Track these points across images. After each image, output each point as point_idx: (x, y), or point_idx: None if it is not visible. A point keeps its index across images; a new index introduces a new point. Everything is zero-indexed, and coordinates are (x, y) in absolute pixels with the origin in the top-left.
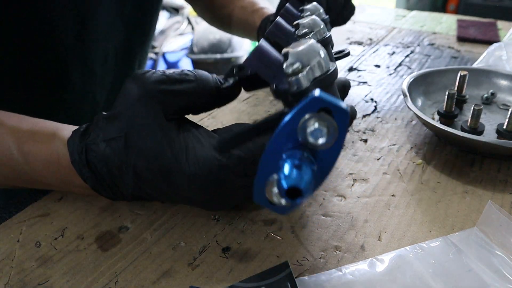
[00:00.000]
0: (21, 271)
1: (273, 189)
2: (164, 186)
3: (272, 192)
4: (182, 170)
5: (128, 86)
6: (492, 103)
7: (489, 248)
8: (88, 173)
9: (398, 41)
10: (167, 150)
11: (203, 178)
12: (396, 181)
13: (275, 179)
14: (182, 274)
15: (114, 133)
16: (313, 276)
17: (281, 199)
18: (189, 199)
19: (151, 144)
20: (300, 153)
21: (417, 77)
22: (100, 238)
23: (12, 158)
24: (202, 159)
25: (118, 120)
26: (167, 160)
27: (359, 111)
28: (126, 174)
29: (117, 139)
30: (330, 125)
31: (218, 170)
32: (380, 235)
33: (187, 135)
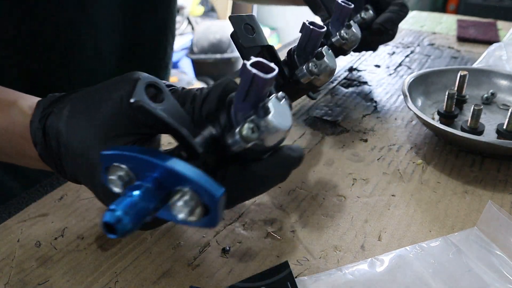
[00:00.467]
0: (21, 271)
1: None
2: (89, 186)
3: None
4: (95, 184)
5: (127, 79)
6: (492, 103)
7: (489, 248)
8: (40, 139)
9: (398, 41)
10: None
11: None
12: (396, 181)
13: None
14: (182, 274)
15: (75, 111)
16: (313, 276)
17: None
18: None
19: (78, 143)
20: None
21: (417, 77)
22: (100, 238)
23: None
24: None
25: (86, 100)
26: (89, 166)
27: (359, 111)
28: (66, 155)
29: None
30: (195, 206)
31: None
32: (380, 235)
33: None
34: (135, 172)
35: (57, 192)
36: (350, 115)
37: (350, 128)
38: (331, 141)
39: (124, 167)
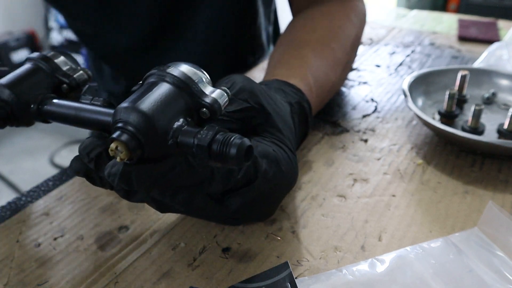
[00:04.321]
0: (21, 271)
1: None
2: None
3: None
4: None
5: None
6: (493, 103)
7: (490, 249)
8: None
9: (398, 41)
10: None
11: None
12: (396, 181)
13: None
14: (182, 275)
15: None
16: (313, 277)
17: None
18: None
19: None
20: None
21: (417, 77)
22: (100, 239)
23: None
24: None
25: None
26: None
27: (359, 111)
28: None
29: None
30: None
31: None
32: (381, 236)
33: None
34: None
35: (57, 192)
36: (350, 115)
37: (350, 128)
38: (331, 141)
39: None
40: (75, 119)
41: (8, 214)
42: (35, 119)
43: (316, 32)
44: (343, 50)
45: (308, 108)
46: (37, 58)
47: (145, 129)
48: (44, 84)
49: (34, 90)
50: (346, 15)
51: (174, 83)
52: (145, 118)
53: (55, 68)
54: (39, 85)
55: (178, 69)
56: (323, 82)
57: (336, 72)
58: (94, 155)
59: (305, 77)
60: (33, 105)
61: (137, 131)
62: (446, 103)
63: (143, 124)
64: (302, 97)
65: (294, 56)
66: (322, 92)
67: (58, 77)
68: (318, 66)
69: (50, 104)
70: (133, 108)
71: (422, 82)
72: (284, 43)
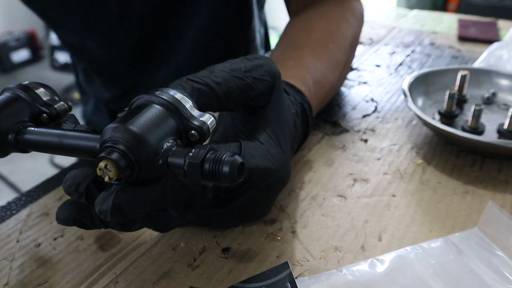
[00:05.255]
0: (21, 271)
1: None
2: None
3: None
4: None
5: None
6: (493, 103)
7: (490, 249)
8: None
9: (398, 41)
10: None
11: None
12: (396, 181)
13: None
14: (182, 275)
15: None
16: (313, 277)
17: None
18: None
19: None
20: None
21: (417, 77)
22: (100, 239)
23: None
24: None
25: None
26: None
27: (359, 111)
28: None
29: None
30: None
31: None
32: (381, 236)
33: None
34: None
35: (57, 192)
36: (350, 115)
37: (350, 128)
38: (331, 141)
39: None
40: (59, 146)
41: (8, 214)
42: (11, 150)
43: (313, 33)
44: (341, 51)
45: (309, 109)
46: (16, 88)
47: (135, 148)
48: (23, 113)
49: (12, 119)
50: (343, 15)
51: (163, 105)
52: (135, 137)
53: (35, 98)
54: (18, 114)
55: (167, 93)
56: (322, 83)
57: (335, 73)
58: (83, 189)
59: (303, 78)
60: (10, 135)
61: (127, 149)
62: (446, 103)
63: (133, 142)
64: (303, 98)
65: (292, 57)
66: (321, 93)
67: (38, 106)
68: (316, 67)
69: (29, 133)
70: (123, 127)
71: (422, 82)
72: (282, 45)
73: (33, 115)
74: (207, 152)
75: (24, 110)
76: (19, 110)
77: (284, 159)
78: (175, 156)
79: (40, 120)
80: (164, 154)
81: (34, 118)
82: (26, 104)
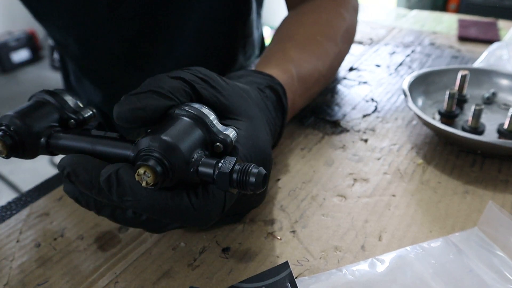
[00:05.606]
0: (21, 271)
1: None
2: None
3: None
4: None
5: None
6: (493, 103)
7: (490, 249)
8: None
9: (398, 41)
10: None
11: None
12: (396, 181)
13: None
14: (182, 275)
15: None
16: (314, 277)
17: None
18: None
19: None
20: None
21: (417, 77)
22: (100, 239)
23: None
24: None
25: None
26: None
27: (359, 111)
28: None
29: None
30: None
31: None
32: (381, 235)
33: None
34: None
35: (57, 192)
36: (350, 115)
37: (350, 128)
38: (331, 141)
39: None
40: (92, 152)
41: (8, 214)
42: (41, 152)
43: (302, 26)
44: (331, 42)
45: (282, 91)
46: (44, 93)
47: (170, 155)
48: (53, 117)
49: (43, 122)
50: (335, 10)
51: (193, 118)
52: (170, 146)
53: (63, 104)
54: (48, 118)
55: (195, 107)
56: (309, 71)
57: (324, 63)
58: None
59: (285, 67)
60: (42, 138)
61: (163, 157)
62: (446, 103)
63: (168, 150)
64: (273, 80)
65: (276, 49)
66: (309, 82)
67: (66, 112)
68: (300, 57)
69: (61, 138)
70: (157, 137)
71: (422, 82)
72: (272, 41)
73: (62, 120)
74: (235, 163)
75: (53, 115)
76: (48, 114)
77: (268, 138)
78: (205, 165)
79: (67, 126)
80: (194, 163)
81: (63, 123)
82: (55, 109)
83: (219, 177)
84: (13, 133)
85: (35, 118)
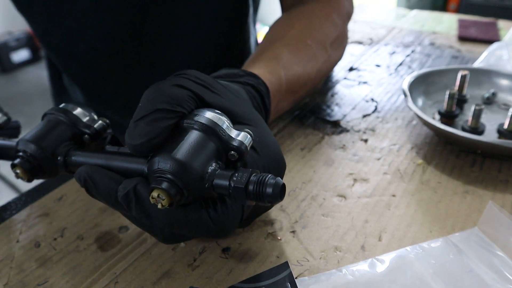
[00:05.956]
0: (21, 271)
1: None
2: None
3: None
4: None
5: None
6: (493, 103)
7: (490, 249)
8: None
9: (398, 41)
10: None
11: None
12: (396, 181)
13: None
14: (182, 275)
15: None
16: (313, 277)
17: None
18: None
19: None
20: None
21: (417, 77)
22: (100, 239)
23: None
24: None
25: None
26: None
27: (359, 111)
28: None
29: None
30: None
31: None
32: (381, 236)
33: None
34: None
35: (57, 192)
36: (350, 115)
37: (350, 128)
38: (331, 141)
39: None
40: (107, 167)
41: (8, 214)
42: (61, 171)
43: (292, 29)
44: (320, 47)
45: (265, 91)
46: (56, 112)
47: (182, 175)
48: (67, 135)
49: (58, 142)
50: (327, 14)
51: (203, 130)
52: (181, 165)
53: (75, 120)
54: (62, 137)
55: (204, 116)
56: (297, 74)
57: (313, 67)
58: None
59: (273, 68)
60: (59, 157)
61: (175, 178)
62: (446, 103)
63: (180, 170)
64: (257, 80)
65: (266, 49)
66: (296, 84)
67: (79, 128)
68: (290, 59)
69: (76, 155)
70: (169, 157)
71: (422, 82)
72: (262, 42)
73: (76, 137)
74: (250, 175)
75: (67, 133)
76: (62, 134)
77: (276, 141)
78: (220, 179)
79: (82, 141)
80: (209, 178)
81: (77, 139)
82: (68, 127)
83: (235, 190)
84: (30, 158)
85: (49, 139)
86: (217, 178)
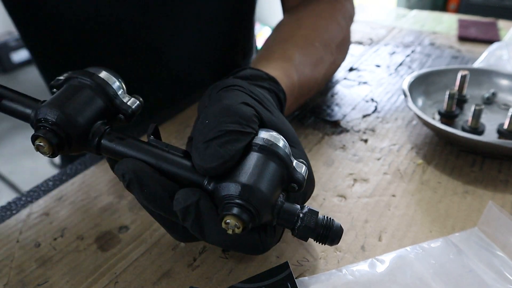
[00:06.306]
0: (21, 271)
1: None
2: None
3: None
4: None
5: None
6: (493, 103)
7: (490, 249)
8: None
9: (398, 41)
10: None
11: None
12: (396, 181)
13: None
14: (182, 275)
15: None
16: (313, 277)
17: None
18: None
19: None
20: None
21: (417, 77)
22: (100, 239)
23: None
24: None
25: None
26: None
27: (359, 111)
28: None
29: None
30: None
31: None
32: (381, 236)
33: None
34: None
35: (57, 192)
36: (350, 115)
37: (350, 128)
38: (331, 141)
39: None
40: (157, 168)
41: (8, 214)
42: (87, 150)
43: (300, 29)
44: (327, 50)
45: (283, 97)
46: (91, 81)
47: (259, 205)
48: (101, 112)
49: (92, 119)
50: (332, 15)
51: (272, 154)
52: (261, 196)
53: (113, 95)
54: (96, 113)
55: (270, 140)
56: (307, 78)
57: (320, 70)
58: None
59: (288, 71)
60: (93, 137)
61: (250, 205)
62: (446, 103)
63: (259, 202)
64: (278, 87)
65: (278, 50)
66: (305, 87)
67: (116, 106)
68: (301, 61)
69: (116, 141)
70: (250, 186)
71: (422, 82)
72: (270, 41)
73: (110, 115)
74: (317, 217)
75: (101, 109)
76: (97, 109)
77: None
78: (287, 213)
79: (115, 119)
80: (278, 208)
81: (110, 117)
82: (103, 102)
83: (303, 230)
84: (55, 128)
85: (84, 114)
86: (285, 212)
